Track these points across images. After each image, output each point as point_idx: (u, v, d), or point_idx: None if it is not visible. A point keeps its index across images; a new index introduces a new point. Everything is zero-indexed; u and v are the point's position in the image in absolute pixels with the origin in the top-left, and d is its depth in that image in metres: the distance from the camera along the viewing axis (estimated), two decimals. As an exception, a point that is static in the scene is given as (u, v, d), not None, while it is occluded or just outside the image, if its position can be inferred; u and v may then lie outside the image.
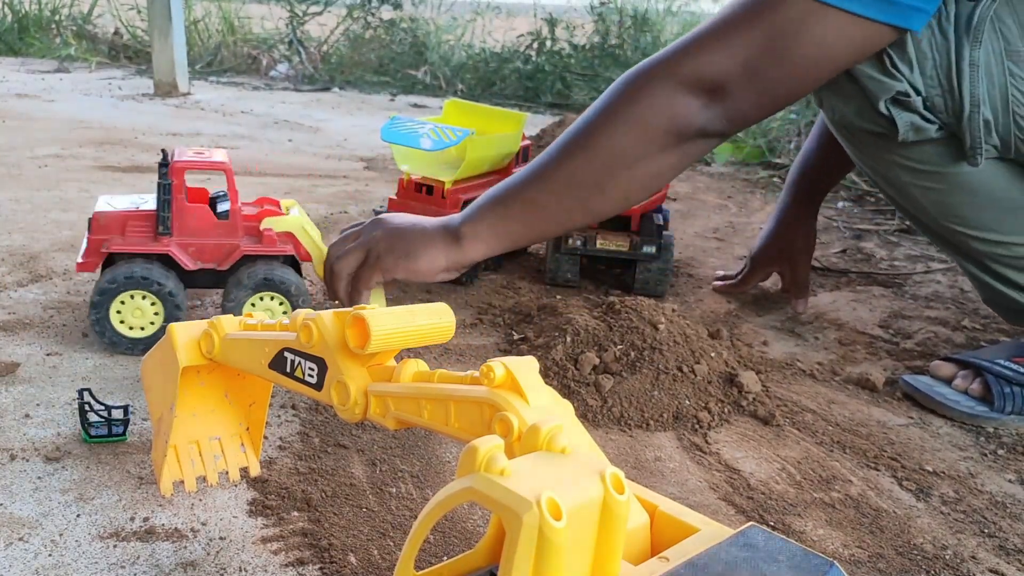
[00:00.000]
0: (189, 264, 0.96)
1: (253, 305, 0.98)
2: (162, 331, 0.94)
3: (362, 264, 0.94)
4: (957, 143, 0.91)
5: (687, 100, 0.86)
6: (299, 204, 1.05)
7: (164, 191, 0.94)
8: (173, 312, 0.96)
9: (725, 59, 0.84)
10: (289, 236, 0.99)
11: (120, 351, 0.97)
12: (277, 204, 1.03)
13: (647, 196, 0.96)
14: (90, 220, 0.97)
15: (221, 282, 0.99)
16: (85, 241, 0.97)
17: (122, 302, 0.95)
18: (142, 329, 0.97)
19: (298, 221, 0.99)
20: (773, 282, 1.36)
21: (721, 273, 1.38)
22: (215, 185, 1.10)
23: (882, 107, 0.89)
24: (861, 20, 0.80)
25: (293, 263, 1.01)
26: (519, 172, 0.96)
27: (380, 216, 0.99)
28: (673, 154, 0.90)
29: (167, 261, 0.96)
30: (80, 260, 0.96)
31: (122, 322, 0.96)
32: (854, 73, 0.88)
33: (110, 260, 0.97)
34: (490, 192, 0.96)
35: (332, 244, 0.98)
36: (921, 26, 0.83)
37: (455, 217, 0.96)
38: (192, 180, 1.03)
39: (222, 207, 0.98)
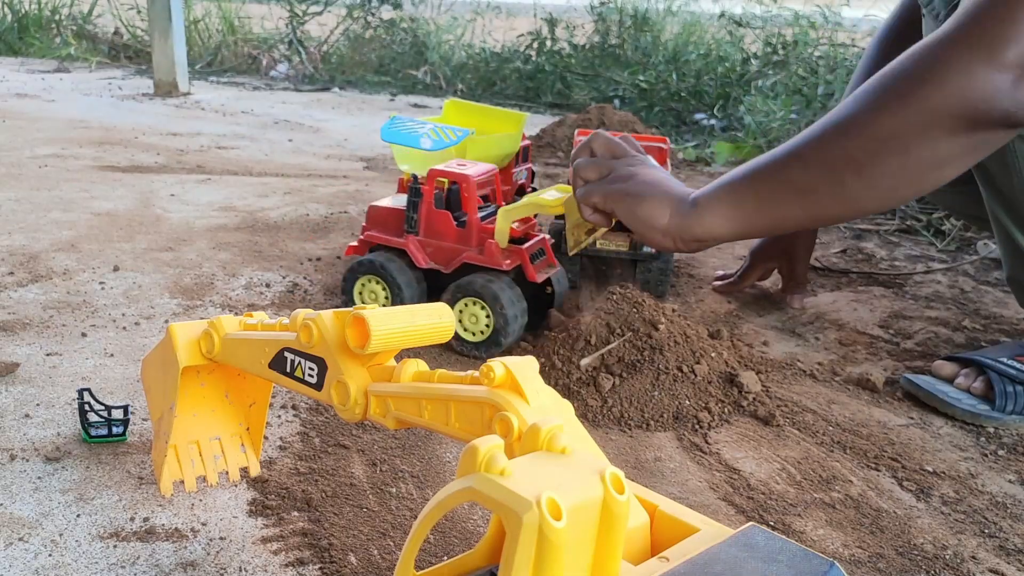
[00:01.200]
0: (421, 262, 1.07)
1: (460, 311, 1.03)
2: None
3: (598, 179, 0.89)
4: None
5: (992, 77, 0.71)
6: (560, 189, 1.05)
7: (414, 194, 1.06)
8: (398, 301, 1.06)
9: None
10: (519, 254, 1.04)
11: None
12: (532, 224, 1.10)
13: (919, 192, 0.80)
14: (367, 212, 1.13)
15: (451, 282, 1.06)
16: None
17: (363, 284, 1.09)
18: None
19: (508, 210, 1.02)
20: (773, 282, 1.36)
21: (721, 273, 1.38)
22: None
23: None
24: None
25: (521, 283, 1.05)
26: (775, 149, 0.84)
27: (638, 156, 0.92)
28: (961, 143, 0.75)
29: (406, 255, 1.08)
30: (353, 244, 1.13)
31: (363, 301, 1.09)
32: None
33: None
34: (741, 167, 0.85)
35: (586, 143, 0.93)
36: None
37: (698, 190, 0.87)
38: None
39: (468, 216, 1.07)
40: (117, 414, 0.81)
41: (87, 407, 0.80)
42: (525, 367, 0.51)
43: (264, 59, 3.99)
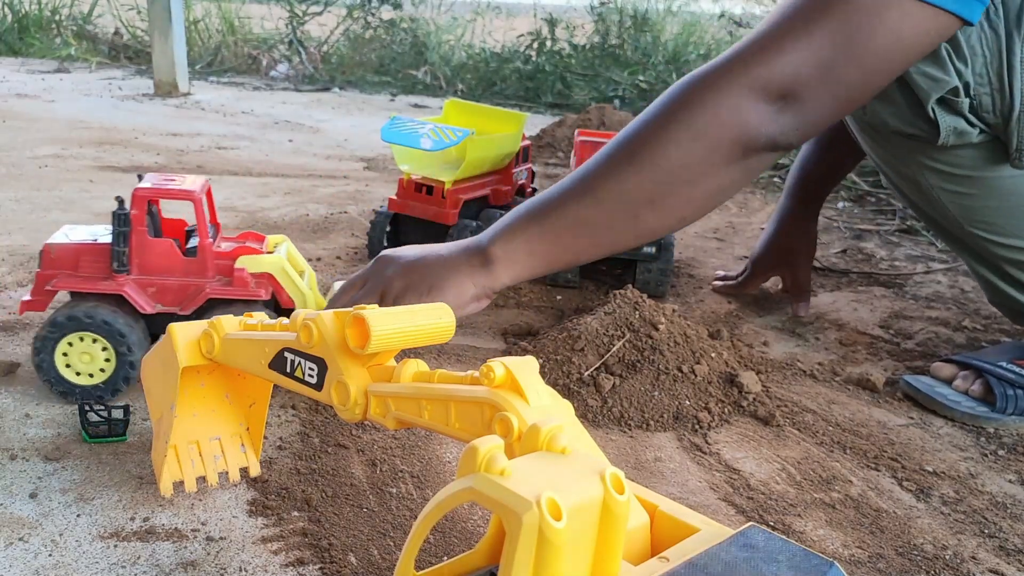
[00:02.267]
0: (146, 307, 0.85)
1: None
2: (115, 379, 0.85)
3: None
4: (995, 147, 0.90)
5: (757, 107, 0.78)
6: (289, 240, 0.94)
7: (120, 222, 0.83)
8: (127, 359, 0.85)
9: (797, 59, 0.76)
10: (268, 278, 0.88)
11: (72, 400, 0.85)
12: (262, 240, 0.92)
13: (703, 215, 0.86)
14: (41, 253, 0.86)
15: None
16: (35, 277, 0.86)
17: (69, 344, 0.84)
18: (91, 376, 0.85)
19: (279, 262, 0.88)
20: (774, 282, 1.36)
21: (721, 273, 1.38)
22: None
23: (929, 109, 0.87)
24: (932, 9, 0.76)
25: (277, 309, 0.90)
26: (555, 187, 0.85)
27: (385, 253, 0.86)
28: (738, 168, 0.81)
29: (125, 302, 0.85)
30: (26, 298, 0.86)
31: (68, 366, 0.85)
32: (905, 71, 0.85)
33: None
34: (523, 208, 0.85)
35: (335, 296, 0.86)
36: (979, 17, 0.78)
37: (480, 238, 0.85)
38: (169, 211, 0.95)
39: (193, 243, 0.88)
40: (117, 414, 0.81)
41: (87, 407, 0.80)
42: (525, 367, 0.51)
43: (264, 59, 3.99)
